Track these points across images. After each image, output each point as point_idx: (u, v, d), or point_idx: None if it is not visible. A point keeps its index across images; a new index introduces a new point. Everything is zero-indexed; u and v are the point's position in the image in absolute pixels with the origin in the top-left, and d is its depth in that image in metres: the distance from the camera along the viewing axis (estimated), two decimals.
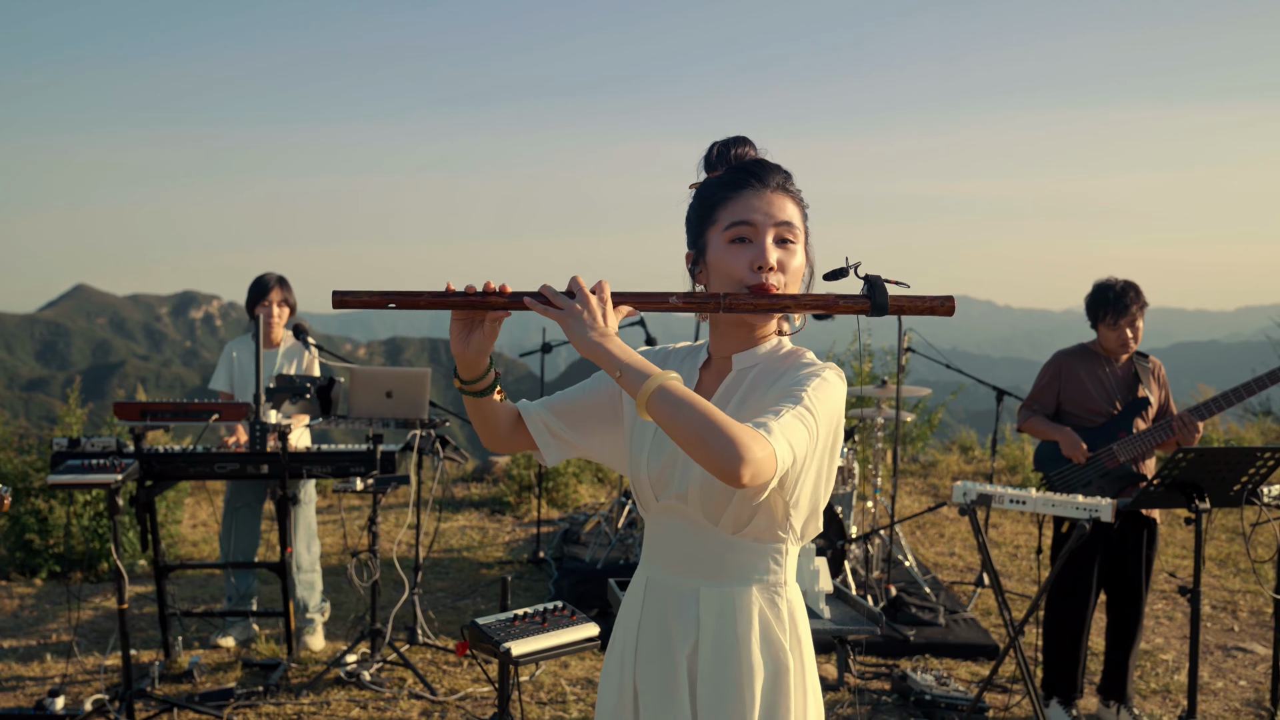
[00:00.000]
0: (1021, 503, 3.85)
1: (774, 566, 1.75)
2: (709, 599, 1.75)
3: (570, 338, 1.60)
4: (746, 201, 1.73)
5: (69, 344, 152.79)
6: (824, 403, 1.65)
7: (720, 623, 1.74)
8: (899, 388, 5.48)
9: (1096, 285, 4.28)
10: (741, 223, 1.72)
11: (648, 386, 1.53)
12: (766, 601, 1.75)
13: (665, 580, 1.80)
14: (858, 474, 5.92)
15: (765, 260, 1.70)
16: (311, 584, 5.02)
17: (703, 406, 1.51)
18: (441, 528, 7.57)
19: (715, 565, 1.75)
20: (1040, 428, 4.35)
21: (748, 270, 1.71)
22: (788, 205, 1.75)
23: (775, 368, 1.77)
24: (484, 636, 2.56)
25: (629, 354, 1.59)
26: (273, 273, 5.00)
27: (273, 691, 4.39)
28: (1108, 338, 4.24)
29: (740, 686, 1.71)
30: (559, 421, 1.88)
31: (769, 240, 1.72)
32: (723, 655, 1.73)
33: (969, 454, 10.61)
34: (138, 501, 4.39)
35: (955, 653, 5.03)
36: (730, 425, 1.49)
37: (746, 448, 1.47)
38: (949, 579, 6.33)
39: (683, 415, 1.50)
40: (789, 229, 1.74)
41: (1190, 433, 4.13)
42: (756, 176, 1.75)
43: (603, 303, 1.62)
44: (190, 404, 4.34)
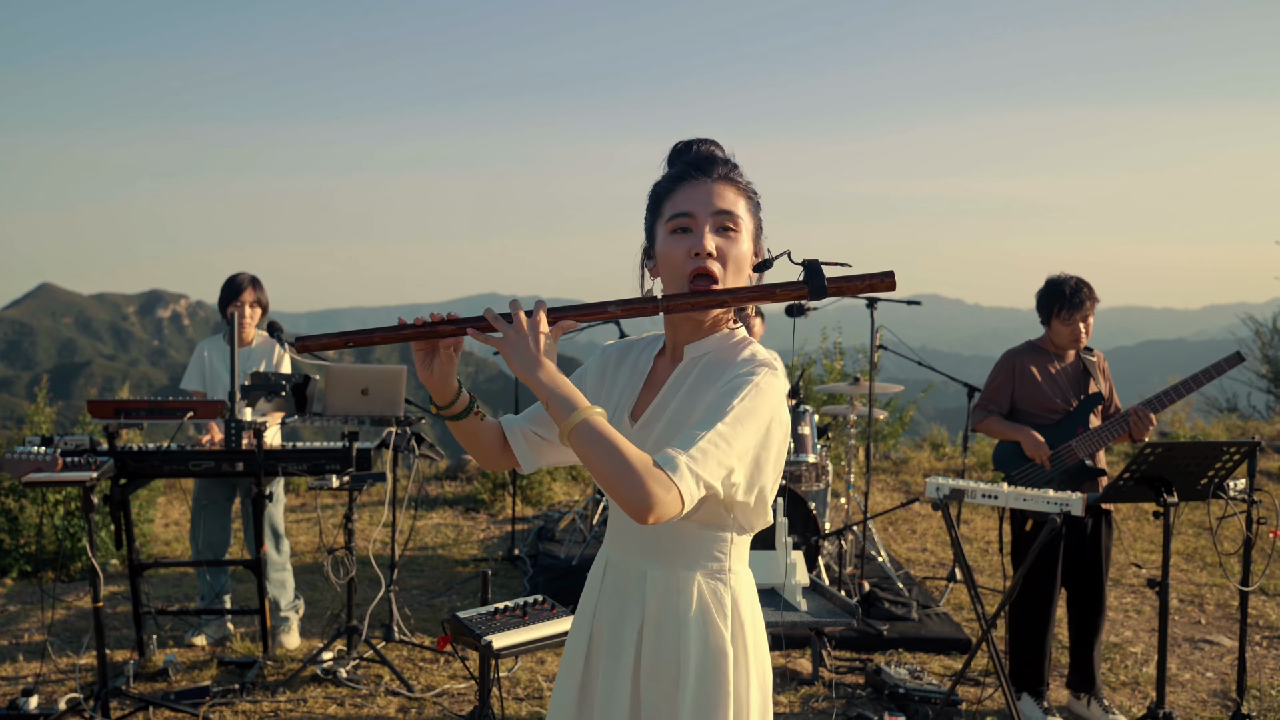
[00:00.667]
0: (994, 497, 3.90)
1: (717, 554, 1.81)
2: (655, 580, 1.81)
3: (508, 363, 1.66)
4: (687, 192, 1.78)
5: (34, 343, 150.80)
6: (751, 411, 1.67)
7: (663, 604, 1.80)
8: (871, 385, 5.53)
9: (1049, 281, 4.34)
10: (682, 214, 1.77)
11: (570, 420, 1.59)
12: (709, 588, 1.80)
13: (621, 561, 1.88)
14: (831, 471, 5.97)
15: (702, 247, 1.74)
16: (283, 582, 5.01)
17: (616, 446, 1.56)
18: (416, 526, 7.56)
19: (662, 549, 1.81)
20: (999, 428, 4.40)
21: (686, 258, 1.76)
22: (728, 194, 1.79)
23: (723, 358, 1.81)
24: (465, 629, 2.57)
25: (557, 382, 1.64)
26: (246, 273, 4.99)
27: (249, 689, 4.38)
28: (1060, 332, 4.30)
29: (676, 664, 1.77)
30: (539, 427, 1.94)
31: (707, 228, 1.76)
32: (663, 635, 1.79)
33: (940, 451, 10.70)
34: (112, 500, 4.36)
35: (928, 647, 5.08)
36: (638, 469, 1.54)
37: (651, 494, 1.53)
38: (921, 574, 6.39)
39: (598, 453, 1.56)
40: (729, 217, 1.77)
41: (1145, 425, 4.20)
42: (698, 168, 1.79)
43: (535, 326, 1.66)
44: (165, 402, 4.33)
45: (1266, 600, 6.03)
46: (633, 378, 1.92)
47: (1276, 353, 13.28)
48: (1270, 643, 5.37)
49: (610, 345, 2.02)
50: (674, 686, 1.76)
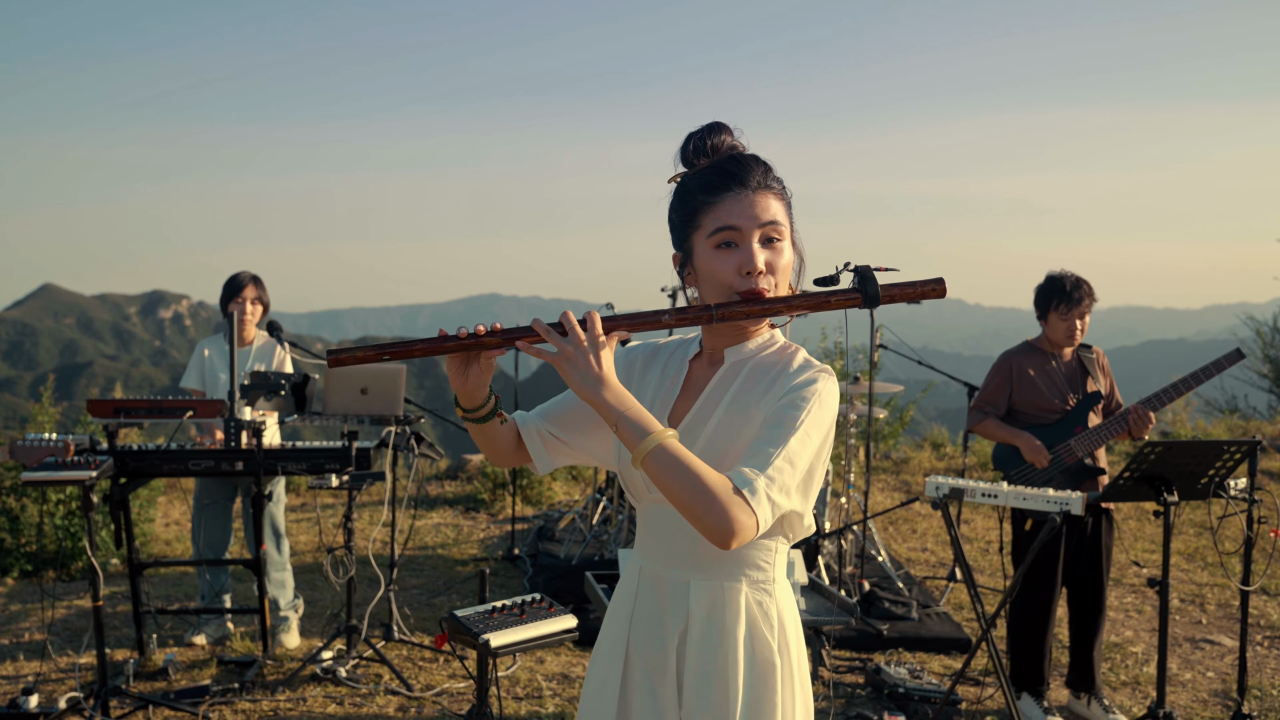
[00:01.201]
0: (993, 496, 3.89)
1: (763, 564, 1.78)
2: (699, 591, 1.77)
3: (567, 381, 1.61)
4: (729, 206, 1.71)
5: (36, 344, 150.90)
6: (818, 423, 1.67)
7: (709, 614, 1.76)
8: (871, 384, 5.52)
9: (1049, 276, 4.34)
10: (726, 228, 1.70)
11: (645, 445, 1.56)
12: (755, 599, 1.77)
13: (657, 571, 1.82)
14: (830, 470, 5.97)
15: (753, 265, 1.69)
16: (282, 582, 5.01)
17: (695, 471, 1.54)
18: (416, 525, 7.56)
19: (706, 560, 1.76)
20: (996, 432, 4.39)
21: (736, 276, 1.70)
22: (771, 203, 1.72)
23: (770, 363, 1.78)
24: (462, 628, 2.57)
25: (625, 403, 1.60)
26: (246, 271, 4.99)
27: (248, 688, 4.38)
28: (1056, 328, 4.30)
29: (725, 678, 1.73)
30: (555, 428, 1.89)
31: (755, 243, 1.71)
32: (710, 646, 1.75)
33: (940, 450, 10.69)
34: (112, 499, 4.36)
35: (928, 646, 5.08)
36: (720, 496, 1.53)
37: (735, 521, 1.53)
38: (922, 574, 6.39)
39: (676, 479, 1.54)
40: (775, 228, 1.72)
41: (1144, 424, 4.20)
42: (737, 178, 1.71)
43: (595, 341, 1.61)
44: (165, 401, 4.33)
45: (1268, 600, 6.02)
46: (665, 382, 1.87)
47: (1277, 352, 13.27)
48: (1271, 642, 5.37)
49: (636, 346, 1.96)
50: (723, 700, 1.73)
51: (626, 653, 1.84)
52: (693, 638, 1.76)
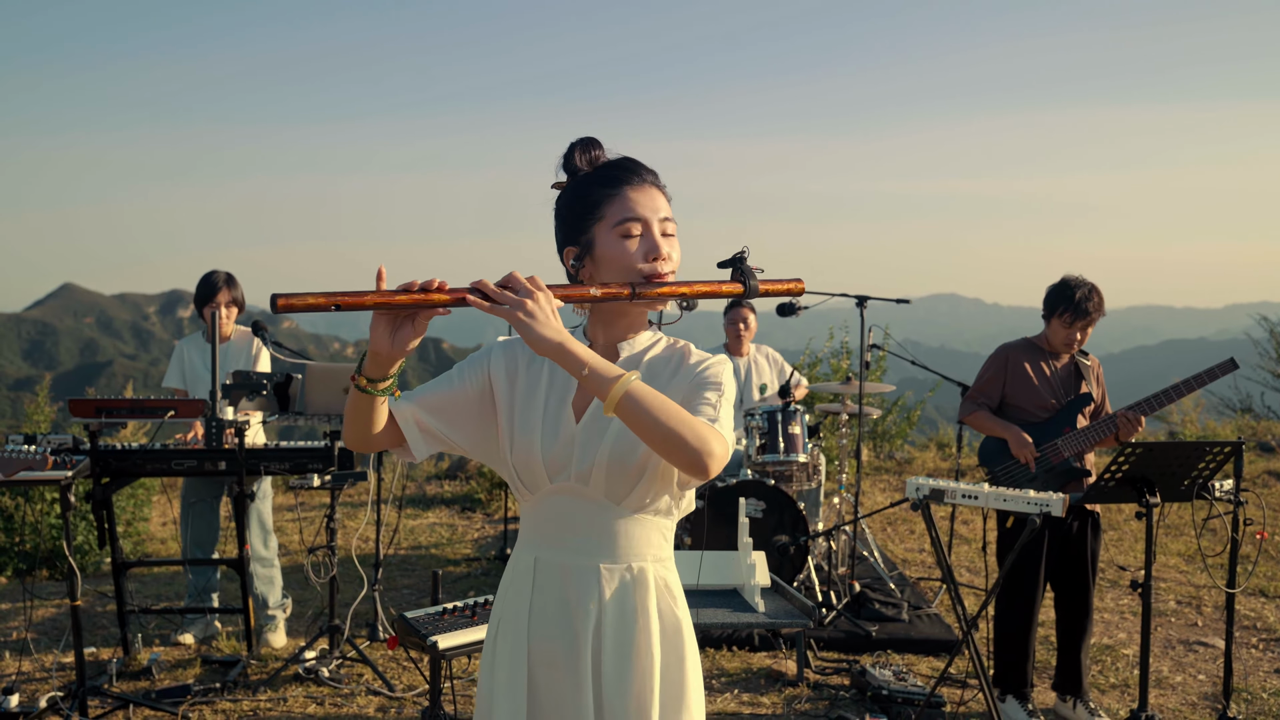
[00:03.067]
0: (974, 498, 3.85)
1: (663, 541, 1.87)
2: (610, 576, 1.82)
3: (525, 336, 1.62)
4: (633, 196, 1.83)
5: (56, 343, 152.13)
6: (729, 395, 1.80)
7: (622, 596, 1.81)
8: (861, 384, 5.48)
9: (1063, 280, 4.29)
10: (631, 218, 1.81)
11: (617, 389, 1.62)
12: (660, 576, 1.86)
13: (559, 560, 1.84)
14: (823, 470, 5.94)
15: (659, 252, 1.81)
16: (271, 579, 5.01)
17: (668, 405, 1.64)
18: (411, 525, 7.56)
19: (613, 543, 1.82)
20: (986, 423, 4.36)
21: (642, 261, 1.80)
22: (662, 198, 1.86)
23: (665, 358, 1.89)
24: (412, 630, 2.55)
25: (589, 353, 1.65)
26: (220, 272, 4.97)
27: (230, 688, 4.38)
28: (1057, 333, 4.26)
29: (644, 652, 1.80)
30: (430, 416, 1.84)
31: (658, 233, 1.82)
32: (625, 625, 1.81)
33: (946, 451, 10.64)
34: (94, 499, 4.37)
35: (917, 648, 5.04)
36: (695, 423, 1.64)
37: (709, 442, 1.63)
38: (916, 575, 6.35)
39: (654, 415, 1.62)
40: (669, 223, 1.85)
41: (1132, 428, 4.16)
42: (635, 173, 1.85)
43: (549, 300, 1.65)
44: (146, 401, 4.34)
45: (1265, 602, 5.96)
46: (558, 374, 1.88)
47: None
48: (1266, 645, 5.31)
49: (506, 342, 1.95)
50: (645, 673, 1.80)
51: (529, 643, 1.85)
52: (608, 619, 1.81)
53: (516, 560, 1.92)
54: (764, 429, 5.61)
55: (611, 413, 1.62)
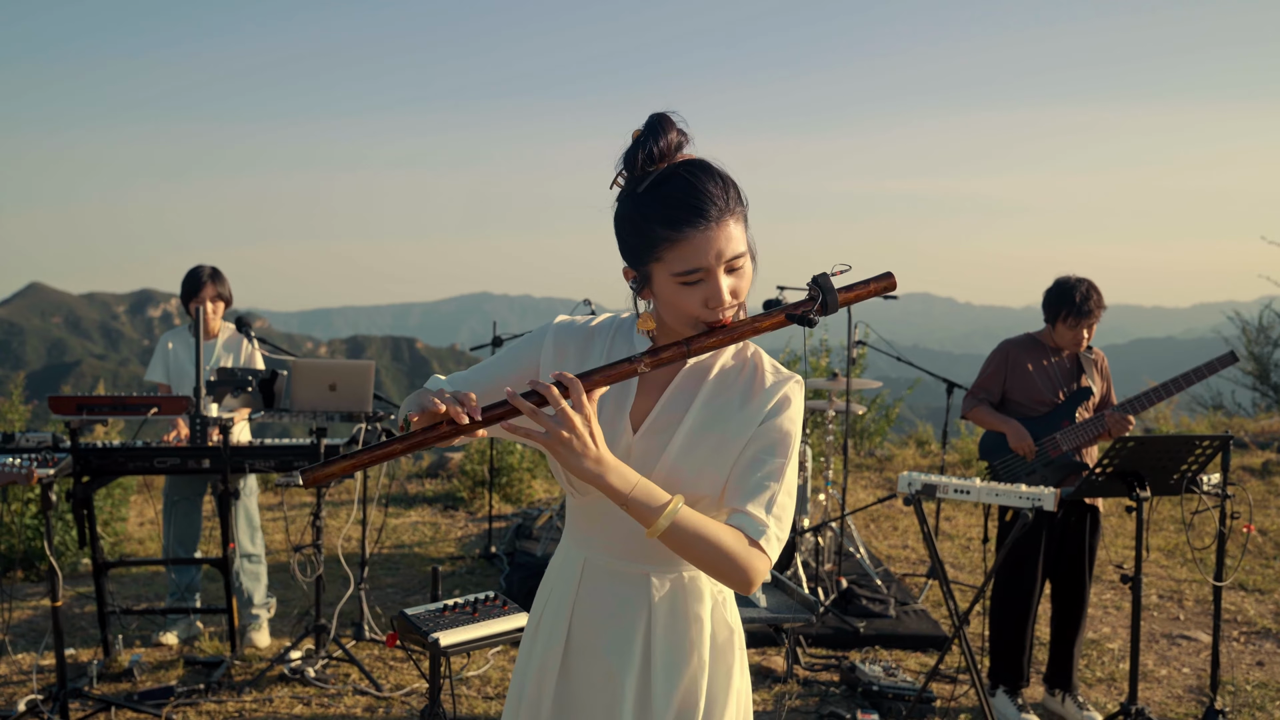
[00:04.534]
0: (966, 492, 3.85)
1: None
2: (661, 585, 1.78)
3: (564, 465, 1.55)
4: (694, 245, 1.60)
5: (23, 343, 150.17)
6: (798, 441, 1.74)
7: (673, 603, 1.78)
8: (849, 381, 5.48)
9: (1059, 283, 4.28)
10: (694, 269, 1.61)
11: (661, 523, 1.58)
12: (712, 585, 1.81)
13: (607, 565, 1.80)
14: (810, 467, 5.93)
15: (720, 300, 1.63)
16: (257, 575, 4.94)
17: (712, 535, 1.60)
18: (393, 524, 7.50)
19: (666, 552, 1.74)
20: (987, 418, 4.37)
21: (703, 309, 1.64)
22: (733, 230, 1.63)
23: (736, 368, 1.78)
24: (412, 627, 2.52)
25: (629, 479, 1.58)
26: (205, 267, 4.90)
27: (214, 689, 4.32)
28: (1064, 336, 4.26)
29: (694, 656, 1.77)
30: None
31: (721, 277, 1.63)
32: (678, 629, 1.77)
33: (925, 448, 10.67)
34: (75, 498, 4.30)
35: (905, 644, 5.04)
36: (739, 555, 1.61)
37: (753, 571, 1.62)
38: (901, 571, 6.36)
39: (697, 547, 1.60)
40: (738, 258, 1.65)
41: (1122, 426, 4.18)
42: (700, 211, 1.59)
43: (587, 420, 1.54)
44: (128, 398, 4.27)
45: (1245, 595, 6.00)
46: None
47: (1262, 350, 13.28)
48: (1248, 638, 5.34)
49: (562, 326, 1.84)
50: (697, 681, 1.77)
51: (567, 642, 1.82)
52: (659, 625, 1.77)
53: (564, 559, 1.87)
54: None
55: (652, 536, 1.59)
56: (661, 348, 1.63)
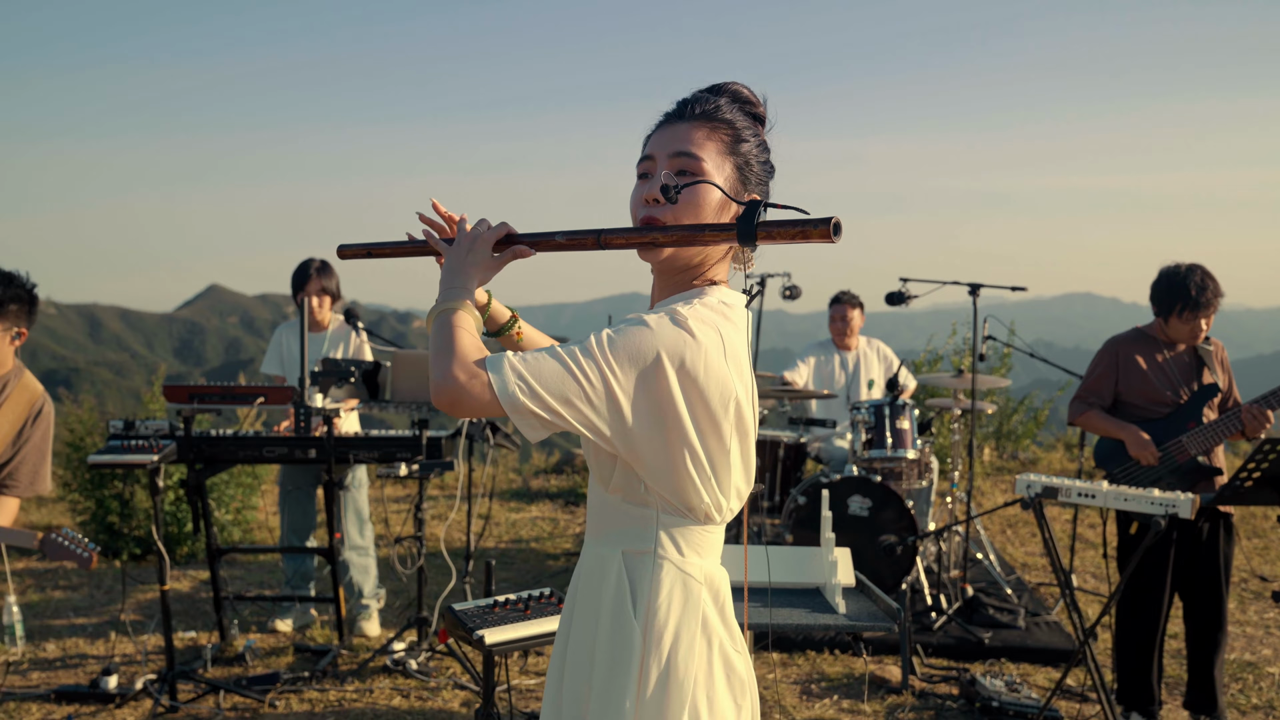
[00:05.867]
0: (1091, 496, 3.55)
1: (643, 533, 1.59)
2: (586, 557, 1.68)
3: None
4: (656, 135, 1.63)
5: (204, 341, 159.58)
6: (625, 344, 1.45)
7: (588, 583, 1.65)
8: (974, 377, 5.17)
9: (1168, 274, 3.90)
10: (645, 157, 1.63)
11: (434, 310, 1.53)
12: (628, 569, 1.59)
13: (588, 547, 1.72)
14: (935, 468, 5.63)
15: (651, 192, 1.59)
16: (366, 568, 4.98)
17: (453, 333, 1.48)
18: (513, 518, 7.51)
19: (598, 525, 1.66)
20: (1100, 424, 4.02)
21: (639, 202, 1.61)
22: (697, 134, 1.59)
23: None
24: (459, 623, 2.43)
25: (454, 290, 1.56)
26: (314, 260, 4.96)
27: (318, 678, 4.36)
28: (1179, 330, 3.90)
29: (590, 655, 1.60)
30: None
31: (663, 171, 1.59)
32: (584, 618, 1.63)
33: (1073, 452, 10.10)
34: (188, 485, 4.40)
35: (1033, 657, 4.72)
36: (460, 353, 1.45)
37: (451, 373, 1.42)
38: (1035, 580, 5.98)
39: (435, 338, 1.49)
40: (687, 159, 1.57)
41: (1260, 423, 3.77)
42: (678, 110, 1.64)
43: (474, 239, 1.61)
44: (236, 387, 4.34)
45: None
46: None
47: None
48: None
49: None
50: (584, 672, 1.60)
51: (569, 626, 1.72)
52: (578, 608, 1.65)
53: None
54: (870, 424, 5.35)
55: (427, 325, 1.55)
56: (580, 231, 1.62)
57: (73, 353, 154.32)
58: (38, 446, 3.21)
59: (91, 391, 50.11)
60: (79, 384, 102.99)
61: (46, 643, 4.92)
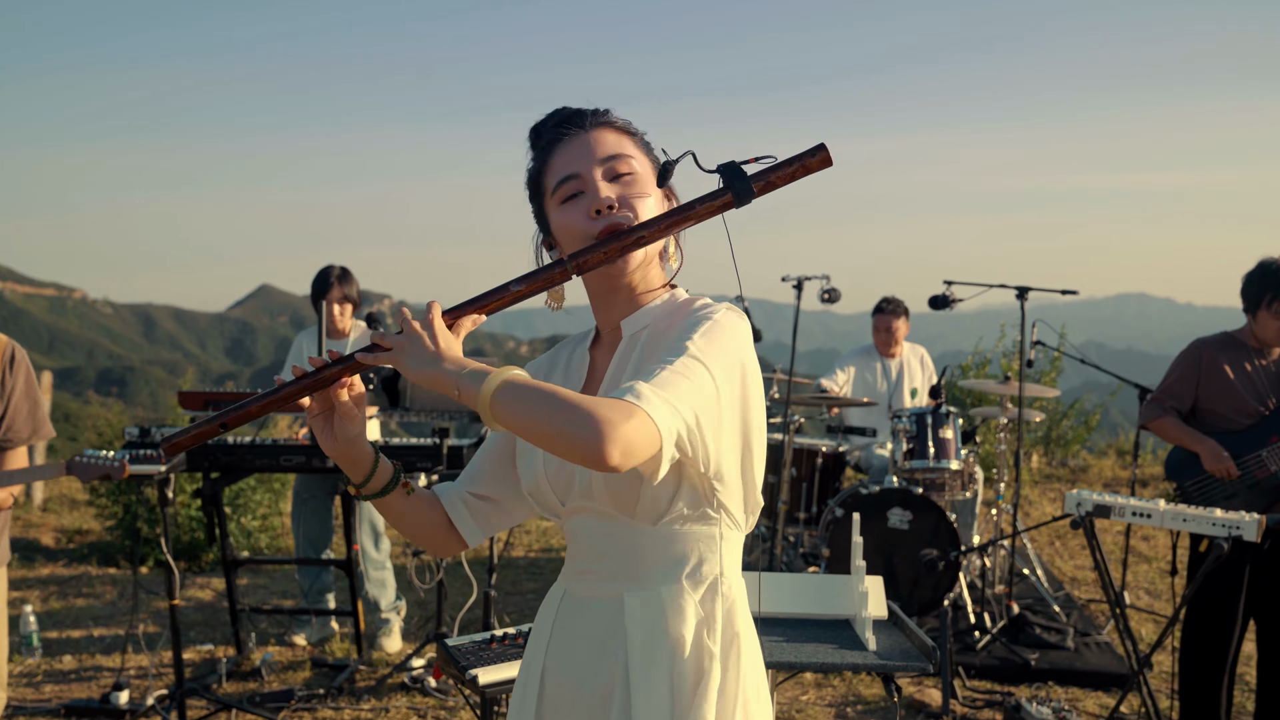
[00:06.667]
0: (1146, 516, 3.32)
1: (708, 556, 1.47)
2: (635, 606, 1.45)
3: (406, 374, 1.38)
4: (564, 153, 1.50)
5: (255, 341, 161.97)
6: (717, 345, 1.38)
7: (651, 634, 1.44)
8: (1021, 384, 4.92)
9: (1263, 264, 3.65)
10: (567, 178, 1.49)
11: (486, 389, 1.29)
12: (704, 601, 1.46)
13: (585, 590, 1.53)
14: (980, 479, 5.39)
15: (599, 201, 1.46)
16: (383, 582, 4.84)
17: (549, 390, 1.27)
18: (545, 526, 7.35)
19: (638, 564, 1.46)
20: (1175, 433, 3.76)
21: (587, 221, 1.47)
22: (608, 136, 1.51)
23: (671, 321, 1.50)
24: (451, 660, 2.25)
25: (465, 364, 1.34)
26: (334, 268, 4.82)
27: (334, 695, 4.22)
28: (1268, 327, 3.63)
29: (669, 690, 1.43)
30: (479, 486, 1.62)
31: (599, 179, 1.48)
32: (655, 664, 1.43)
33: (1126, 459, 9.76)
34: (203, 494, 4.29)
35: (1084, 681, 4.47)
36: (586, 402, 1.24)
37: (608, 422, 1.21)
38: (1086, 596, 5.71)
39: (530, 407, 1.26)
40: (619, 161, 1.49)
41: None
42: (567, 123, 1.52)
43: (429, 325, 1.38)
44: (252, 395, 4.21)
45: None
46: (568, 381, 1.60)
47: None
48: None
49: (534, 361, 1.71)
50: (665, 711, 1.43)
51: (541, 689, 1.55)
52: (635, 662, 1.44)
53: (548, 596, 1.63)
54: (912, 433, 5.11)
55: (493, 424, 1.30)
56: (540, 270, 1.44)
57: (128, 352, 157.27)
58: (25, 393, 3.08)
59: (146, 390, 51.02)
60: (134, 383, 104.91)
61: (63, 654, 4.83)
